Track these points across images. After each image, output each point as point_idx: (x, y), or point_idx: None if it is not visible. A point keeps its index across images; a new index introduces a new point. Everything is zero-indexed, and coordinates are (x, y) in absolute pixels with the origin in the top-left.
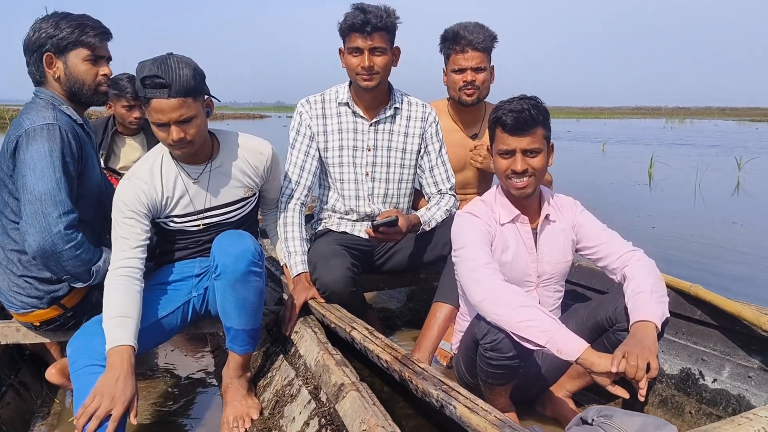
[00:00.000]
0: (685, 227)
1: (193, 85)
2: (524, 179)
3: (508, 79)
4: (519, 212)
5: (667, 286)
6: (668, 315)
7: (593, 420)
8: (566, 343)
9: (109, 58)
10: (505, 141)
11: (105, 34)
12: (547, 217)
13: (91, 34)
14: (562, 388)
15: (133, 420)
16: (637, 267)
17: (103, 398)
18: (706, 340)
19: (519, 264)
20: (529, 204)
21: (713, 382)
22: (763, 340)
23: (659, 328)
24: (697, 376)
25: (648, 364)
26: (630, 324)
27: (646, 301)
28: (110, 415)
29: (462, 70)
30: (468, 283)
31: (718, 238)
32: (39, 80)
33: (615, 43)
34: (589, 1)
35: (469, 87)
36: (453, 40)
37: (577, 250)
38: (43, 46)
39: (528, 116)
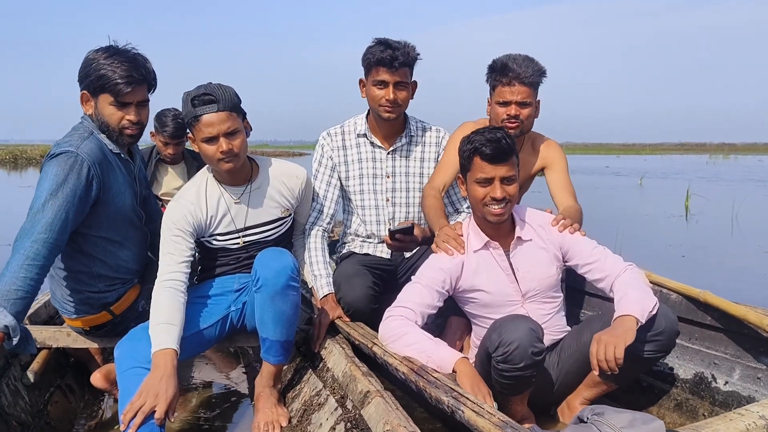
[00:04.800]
0: (715, 256)
1: (236, 102)
2: (502, 206)
3: (544, 111)
4: (488, 239)
5: (678, 293)
6: (653, 304)
7: (587, 418)
8: (441, 359)
9: (141, 102)
10: (484, 169)
11: (132, 81)
12: (520, 238)
13: (117, 81)
14: (580, 396)
15: (171, 418)
16: (622, 277)
17: (148, 396)
18: (717, 344)
19: (497, 286)
20: (501, 228)
21: (725, 384)
22: None
23: (639, 318)
24: (709, 380)
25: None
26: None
27: (628, 298)
28: (154, 411)
29: (507, 104)
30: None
31: (749, 266)
32: None
33: (658, 76)
34: (633, 34)
35: (513, 120)
36: (501, 72)
37: (570, 267)
38: (81, 83)
39: (505, 145)
